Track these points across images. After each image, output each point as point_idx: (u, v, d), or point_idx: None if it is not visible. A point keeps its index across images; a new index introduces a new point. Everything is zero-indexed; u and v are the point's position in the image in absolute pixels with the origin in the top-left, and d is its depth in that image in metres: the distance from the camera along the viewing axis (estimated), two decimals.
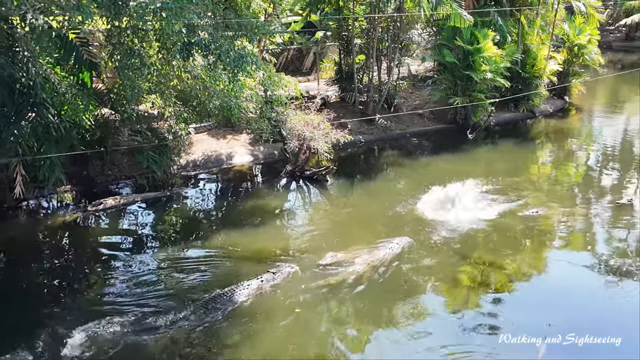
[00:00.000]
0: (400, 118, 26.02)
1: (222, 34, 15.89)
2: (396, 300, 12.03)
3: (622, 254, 14.10)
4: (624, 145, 25.15)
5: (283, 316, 11.50)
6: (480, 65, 24.50)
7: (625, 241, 14.99)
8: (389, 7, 24.33)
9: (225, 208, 17.93)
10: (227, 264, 13.68)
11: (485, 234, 15.04)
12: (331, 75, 27.79)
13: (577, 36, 29.62)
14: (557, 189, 18.82)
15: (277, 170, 20.05)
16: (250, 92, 18.38)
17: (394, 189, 18.44)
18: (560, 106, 30.54)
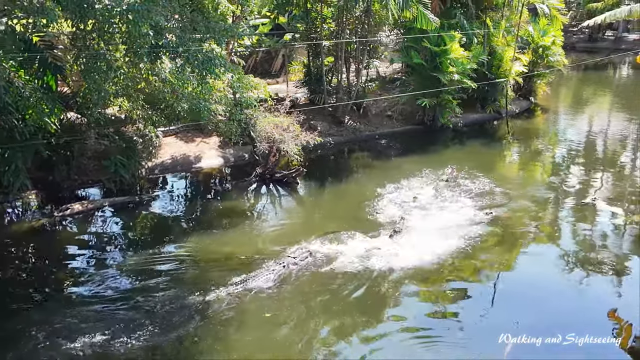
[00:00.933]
0: (369, 120, 26.18)
1: (190, 37, 15.78)
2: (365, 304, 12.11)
3: (586, 253, 14.38)
4: (588, 145, 25.68)
5: (255, 321, 11.47)
6: (447, 67, 24.81)
7: (589, 240, 15.31)
8: (357, 9, 24.42)
9: (195, 211, 17.81)
10: (197, 268, 13.59)
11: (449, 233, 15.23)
12: (300, 77, 27.81)
13: (542, 38, 30.18)
14: (522, 188, 19.06)
15: (247, 173, 19.97)
16: (219, 95, 18.27)
17: (363, 190, 18.50)
18: (526, 107, 31.10)
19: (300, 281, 12.77)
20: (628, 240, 15.30)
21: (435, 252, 13.93)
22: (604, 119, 30.97)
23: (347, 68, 26.16)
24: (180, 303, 11.94)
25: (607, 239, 15.33)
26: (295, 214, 16.66)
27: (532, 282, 13.06)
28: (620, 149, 24.50)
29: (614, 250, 14.54)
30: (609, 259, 14.00)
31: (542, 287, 12.80)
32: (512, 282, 13.20)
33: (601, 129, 28.59)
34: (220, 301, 11.98)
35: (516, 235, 15.51)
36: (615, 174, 20.76)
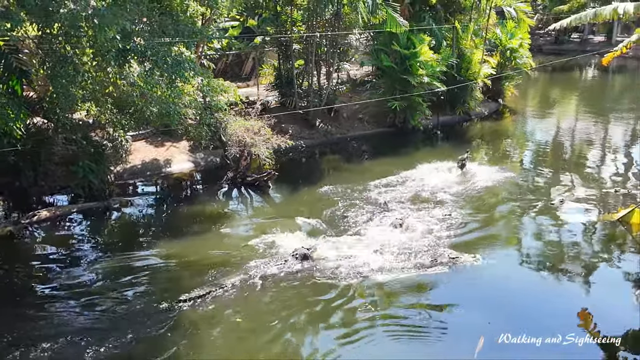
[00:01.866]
0: (340, 122, 26.24)
1: (158, 40, 15.64)
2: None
3: (555, 252, 14.58)
4: (556, 145, 26.08)
5: (225, 325, 11.41)
6: (417, 70, 25.01)
7: (558, 240, 15.53)
8: (327, 12, 24.47)
9: (165, 216, 17.66)
10: (167, 273, 13.50)
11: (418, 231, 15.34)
12: (271, 80, 27.78)
13: (509, 40, 30.63)
14: (493, 189, 19.26)
15: (219, 177, 19.86)
16: (188, 99, 18.11)
17: (335, 193, 18.53)
18: (494, 108, 31.49)
19: (273, 285, 12.73)
20: (597, 238, 15.53)
21: (407, 248, 14.16)
22: (571, 120, 31.52)
23: (318, 71, 26.20)
24: (150, 308, 11.84)
25: (577, 238, 15.54)
26: (266, 217, 16.58)
27: (502, 281, 13.18)
28: (587, 149, 24.92)
29: (583, 249, 14.75)
30: (579, 258, 14.21)
31: (512, 287, 12.95)
32: (482, 281, 13.28)
33: (568, 130, 29.10)
34: (192, 305, 11.90)
35: (486, 234, 15.64)
36: (583, 173, 21.09)
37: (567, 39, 57.65)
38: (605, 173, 21.16)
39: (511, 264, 14.12)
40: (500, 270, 13.68)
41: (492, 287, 13.08)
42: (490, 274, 13.53)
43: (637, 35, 17.42)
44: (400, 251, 14.12)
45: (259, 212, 17.32)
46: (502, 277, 13.44)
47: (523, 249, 14.95)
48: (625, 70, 49.11)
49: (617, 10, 14.97)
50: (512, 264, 14.12)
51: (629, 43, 17.58)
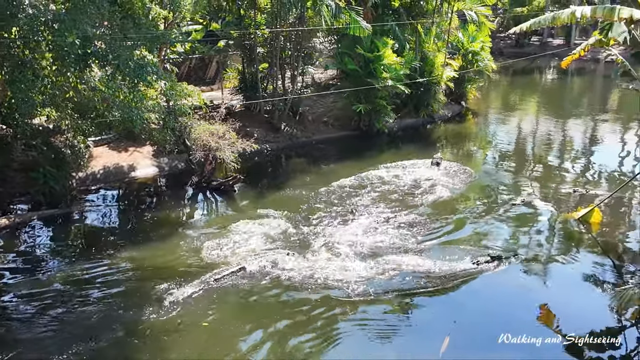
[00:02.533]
0: (305, 126, 26.25)
1: (120, 44, 15.45)
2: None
3: (517, 251, 14.77)
4: (518, 146, 26.53)
5: (192, 329, 11.31)
6: (381, 73, 25.18)
7: (520, 239, 15.77)
8: (291, 16, 24.50)
9: (129, 222, 17.42)
10: (131, 279, 13.35)
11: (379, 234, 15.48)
12: (235, 84, 27.64)
13: (471, 43, 31.08)
14: (452, 188, 19.47)
15: (183, 181, 19.68)
16: (152, 103, 17.92)
17: (299, 196, 18.54)
18: (457, 111, 31.92)
19: (239, 290, 12.67)
20: (557, 237, 15.81)
21: (370, 252, 14.33)
22: (532, 122, 32.12)
23: (282, 74, 26.18)
24: (114, 314, 11.72)
25: (538, 236, 15.82)
26: (232, 222, 16.48)
27: (465, 283, 13.33)
28: (547, 150, 25.43)
29: (543, 248, 15.01)
30: (539, 256, 14.44)
31: (475, 287, 13.08)
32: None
33: (530, 131, 29.66)
34: (156, 311, 11.78)
35: (450, 235, 15.80)
36: (543, 174, 21.49)
37: (527, 42, 58.69)
38: (564, 173, 21.59)
39: (469, 263, 14.18)
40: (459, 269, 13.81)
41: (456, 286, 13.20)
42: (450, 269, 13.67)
43: (594, 38, 17.82)
44: (369, 253, 14.19)
45: (225, 217, 17.19)
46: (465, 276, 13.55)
47: (484, 248, 15.03)
48: (583, 73, 50.25)
49: (575, 14, 15.24)
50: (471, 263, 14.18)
51: (586, 46, 17.98)
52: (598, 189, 19.23)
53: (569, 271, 13.82)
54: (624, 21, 14.90)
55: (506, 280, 13.39)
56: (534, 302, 12.47)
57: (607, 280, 13.41)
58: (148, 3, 18.36)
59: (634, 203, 18.24)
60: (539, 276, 13.65)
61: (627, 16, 14.26)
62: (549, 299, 12.65)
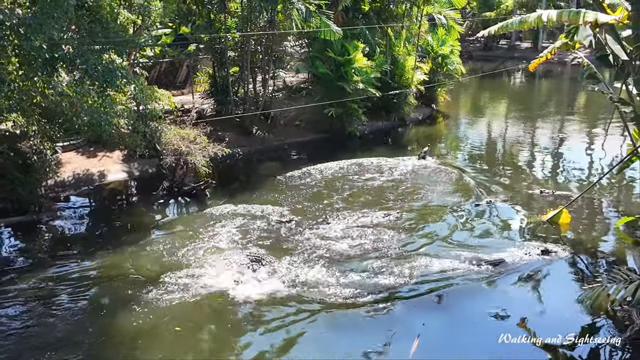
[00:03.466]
0: (277, 129, 26.22)
1: (88, 48, 15.27)
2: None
3: (483, 255, 14.83)
4: (487, 148, 26.85)
5: (164, 336, 11.22)
6: (352, 76, 25.30)
7: (486, 241, 15.89)
8: (261, 19, 24.48)
9: (99, 228, 17.20)
10: (103, 285, 13.17)
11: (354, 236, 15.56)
12: (206, 88, 27.50)
13: (440, 47, 31.42)
14: (421, 190, 19.65)
15: (154, 186, 19.48)
16: (121, 107, 17.73)
17: (272, 200, 18.52)
18: (428, 114, 32.24)
19: (211, 294, 12.59)
20: (527, 238, 15.98)
21: (342, 253, 14.41)
22: (501, 124, 32.57)
23: (254, 78, 26.15)
24: (84, 321, 11.59)
25: (506, 238, 15.97)
26: (202, 226, 16.37)
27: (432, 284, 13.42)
28: (516, 152, 25.79)
29: (513, 249, 15.16)
30: (508, 259, 14.58)
31: (445, 288, 13.18)
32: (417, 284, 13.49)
33: (499, 134, 30.08)
34: (128, 316, 11.66)
35: (414, 237, 15.88)
36: (512, 175, 21.76)
37: (496, 45, 59.53)
38: (532, 174, 21.91)
39: (439, 265, 14.19)
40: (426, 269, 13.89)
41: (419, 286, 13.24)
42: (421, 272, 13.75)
43: (560, 42, 18.14)
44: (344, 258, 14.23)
45: (196, 222, 17.02)
46: (435, 277, 13.62)
47: (453, 249, 15.12)
48: (551, 75, 51.07)
49: (542, 18, 15.48)
50: (440, 265, 14.18)
51: (553, 49, 18.27)
52: (566, 190, 19.53)
53: (539, 272, 13.95)
54: (589, 25, 15.19)
55: (477, 281, 13.49)
56: (506, 303, 12.58)
57: (577, 279, 13.61)
58: (117, 7, 18.22)
59: (602, 203, 18.56)
60: (508, 277, 13.75)
61: (592, 20, 14.54)
62: (519, 298, 12.80)
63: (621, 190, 19.96)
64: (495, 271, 13.64)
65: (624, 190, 19.90)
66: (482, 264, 13.86)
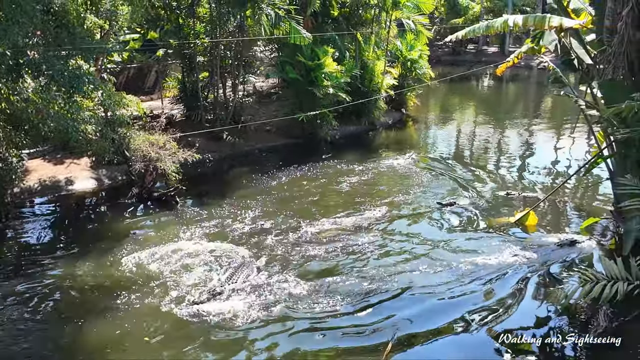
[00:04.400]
0: (248, 134, 26.14)
1: (54, 54, 15.05)
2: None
3: (445, 258, 14.94)
4: (456, 151, 27.09)
5: (133, 347, 11.08)
6: (322, 81, 25.37)
7: (447, 243, 16.01)
8: (230, 24, 24.42)
9: (67, 237, 16.91)
10: (70, 294, 12.98)
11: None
12: (175, 93, 27.31)
13: (409, 52, 31.71)
14: (391, 193, 19.81)
15: (123, 193, 19.25)
16: (88, 113, 17.49)
17: (242, 205, 18.44)
18: (398, 118, 32.52)
19: (178, 304, 12.48)
20: (495, 240, 16.16)
21: (312, 256, 14.38)
22: (469, 128, 32.98)
23: (224, 83, 26.05)
24: (50, 333, 11.40)
25: (468, 242, 16.12)
26: (172, 234, 16.21)
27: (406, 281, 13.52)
28: (483, 155, 26.11)
29: (481, 251, 15.33)
30: (476, 260, 14.72)
31: (414, 290, 13.24)
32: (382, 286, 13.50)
33: (467, 137, 30.44)
34: (95, 326, 11.50)
35: (377, 240, 15.94)
36: (480, 177, 22.01)
37: (464, 50, 60.28)
38: (500, 177, 22.16)
39: (410, 266, 14.37)
40: (403, 273, 13.99)
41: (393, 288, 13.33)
42: (394, 274, 13.88)
43: (526, 46, 18.47)
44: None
45: (165, 229, 16.84)
46: (408, 279, 13.71)
47: (420, 253, 15.18)
48: (518, 79, 51.90)
49: (508, 23, 15.76)
50: (411, 266, 14.35)
51: (519, 53, 18.61)
52: (533, 192, 19.82)
53: (507, 273, 14.11)
54: (554, 29, 15.51)
55: (445, 285, 13.59)
56: (475, 304, 12.71)
57: (544, 280, 13.80)
58: (83, 12, 17.99)
59: (568, 205, 18.88)
60: (476, 279, 13.88)
61: (557, 24, 14.84)
62: (488, 298, 12.95)
63: (587, 191, 20.32)
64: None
65: (590, 191, 20.25)
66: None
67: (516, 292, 13.13)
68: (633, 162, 14.12)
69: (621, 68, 12.99)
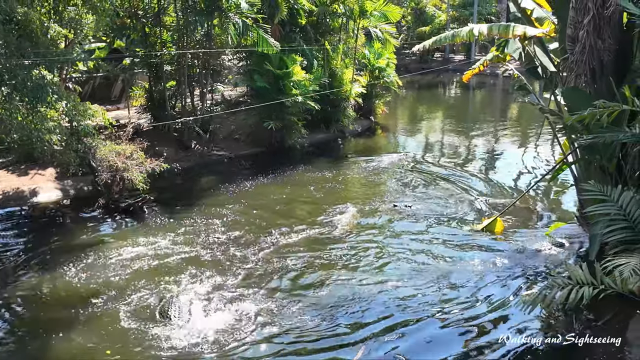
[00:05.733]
0: (217, 143, 26.00)
1: (17, 63, 14.78)
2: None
3: (413, 264, 15.11)
4: (423, 158, 27.22)
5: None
6: (290, 89, 25.38)
7: (418, 248, 16.14)
8: (198, 33, 24.30)
9: (29, 249, 16.47)
10: (32, 309, 12.69)
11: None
12: (142, 102, 27.03)
13: (377, 60, 31.94)
14: (360, 200, 19.88)
15: (90, 204, 18.93)
16: (53, 124, 17.19)
17: (211, 214, 18.32)
18: (367, 126, 32.74)
19: (141, 315, 12.30)
20: (462, 248, 16.31)
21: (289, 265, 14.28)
22: (437, 134, 33.35)
23: (191, 92, 25.87)
24: (12, 351, 11.15)
25: (438, 248, 16.24)
26: (138, 245, 15.98)
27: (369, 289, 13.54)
28: (450, 161, 26.32)
29: (448, 258, 15.45)
30: (444, 267, 14.84)
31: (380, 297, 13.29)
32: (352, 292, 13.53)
33: (435, 143, 30.76)
34: (60, 341, 11.28)
35: (345, 249, 15.98)
36: (446, 182, 22.25)
37: (431, 58, 60.96)
38: (467, 183, 22.37)
39: (371, 275, 14.45)
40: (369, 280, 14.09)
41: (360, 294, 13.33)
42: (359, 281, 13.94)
43: (492, 54, 18.77)
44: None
45: (133, 240, 16.58)
46: (377, 290, 13.72)
47: (388, 262, 15.23)
48: (484, 87, 52.67)
49: (473, 32, 16.00)
50: (373, 275, 14.43)
51: (485, 61, 18.90)
52: (500, 199, 20.06)
53: (474, 280, 14.23)
54: (518, 38, 15.78)
55: (419, 291, 13.66)
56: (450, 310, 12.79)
57: (514, 286, 13.94)
58: (47, 21, 17.72)
59: (534, 210, 19.12)
60: (447, 282, 13.99)
61: (521, 33, 15.11)
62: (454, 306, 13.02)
63: (552, 197, 20.62)
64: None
65: (555, 197, 20.56)
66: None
67: (488, 298, 13.26)
68: (596, 168, 14.39)
69: (583, 75, 13.24)
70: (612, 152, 13.52)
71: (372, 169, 24.25)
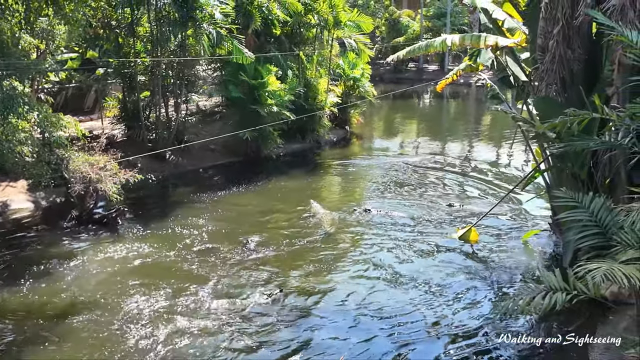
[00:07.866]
0: (191, 154, 25.81)
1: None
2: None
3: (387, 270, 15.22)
4: (398, 167, 27.32)
5: None
6: (265, 100, 25.39)
7: (393, 254, 16.23)
8: (172, 43, 24.19)
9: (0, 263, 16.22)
10: (4, 325, 12.43)
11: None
12: (116, 113, 26.79)
13: (352, 70, 32.11)
14: (336, 207, 20.04)
15: (63, 216, 18.65)
16: (24, 135, 16.93)
17: (186, 225, 18.20)
18: (342, 135, 32.88)
19: (114, 328, 12.15)
20: (440, 257, 16.40)
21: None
22: (411, 143, 33.60)
23: (166, 102, 25.72)
24: None
25: (419, 255, 16.34)
26: (113, 258, 15.79)
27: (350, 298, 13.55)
28: (426, 170, 26.46)
29: (425, 266, 15.53)
30: (419, 276, 14.91)
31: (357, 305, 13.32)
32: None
33: (409, 152, 30.97)
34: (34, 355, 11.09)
35: (320, 262, 15.96)
36: (420, 191, 22.42)
37: (405, 68, 61.34)
38: (441, 192, 22.56)
39: (350, 284, 14.50)
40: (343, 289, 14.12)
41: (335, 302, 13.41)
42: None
43: (464, 64, 19.00)
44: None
45: (107, 252, 16.36)
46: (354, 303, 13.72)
47: (364, 275, 15.23)
48: (458, 96, 53.28)
49: (446, 42, 16.22)
50: (351, 284, 14.49)
51: (458, 71, 19.13)
52: (475, 206, 20.23)
53: (452, 288, 14.31)
54: (490, 48, 16.00)
55: (395, 302, 13.69)
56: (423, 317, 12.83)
57: (488, 295, 14.05)
58: (18, 32, 17.51)
59: (508, 218, 19.32)
60: (422, 291, 14.05)
61: (493, 43, 15.33)
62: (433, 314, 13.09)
63: (526, 205, 20.82)
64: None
65: (529, 205, 20.77)
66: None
67: (465, 306, 13.35)
68: (568, 175, 14.59)
69: (554, 84, 13.44)
70: (583, 159, 13.72)
71: (347, 176, 24.31)
